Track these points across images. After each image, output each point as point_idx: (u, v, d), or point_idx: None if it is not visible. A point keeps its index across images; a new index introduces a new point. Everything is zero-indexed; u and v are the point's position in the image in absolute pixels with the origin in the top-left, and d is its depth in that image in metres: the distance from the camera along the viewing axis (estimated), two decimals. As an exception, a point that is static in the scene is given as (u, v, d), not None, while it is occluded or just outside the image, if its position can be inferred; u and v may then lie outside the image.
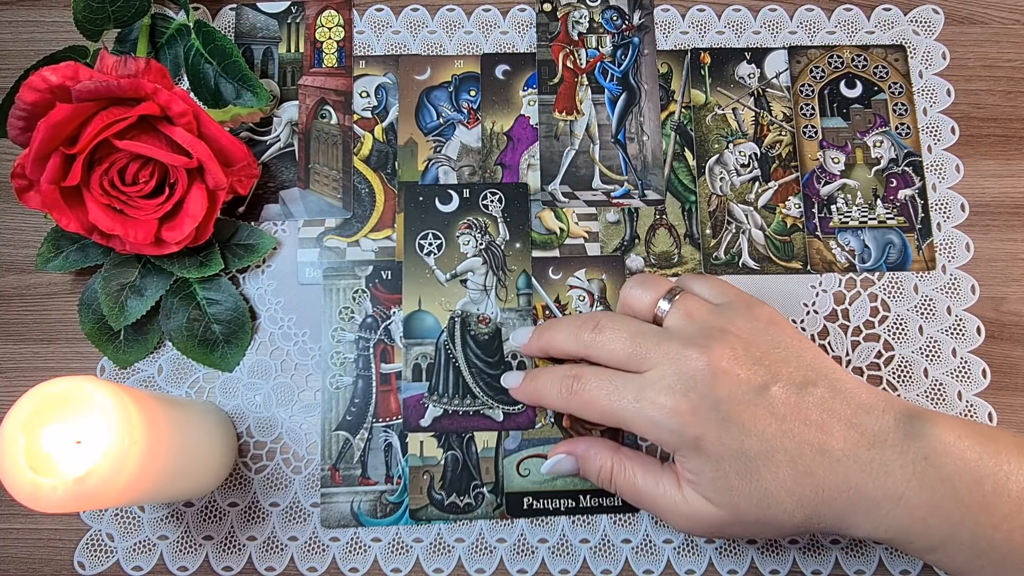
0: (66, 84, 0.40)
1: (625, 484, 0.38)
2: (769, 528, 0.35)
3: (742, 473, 0.34)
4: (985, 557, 0.32)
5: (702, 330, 0.36)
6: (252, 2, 0.51)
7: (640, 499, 0.38)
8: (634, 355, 0.36)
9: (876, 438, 0.33)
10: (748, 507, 0.34)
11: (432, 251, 0.47)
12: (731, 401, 0.34)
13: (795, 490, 0.33)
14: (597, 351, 0.38)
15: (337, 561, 0.44)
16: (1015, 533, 0.32)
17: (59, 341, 0.47)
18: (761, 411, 0.34)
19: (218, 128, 0.43)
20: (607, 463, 0.39)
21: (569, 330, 0.39)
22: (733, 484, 0.34)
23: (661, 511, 0.37)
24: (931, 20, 0.51)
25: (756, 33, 0.51)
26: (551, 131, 0.49)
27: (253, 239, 0.47)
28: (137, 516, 0.44)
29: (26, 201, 0.42)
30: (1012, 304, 0.47)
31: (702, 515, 0.35)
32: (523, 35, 0.51)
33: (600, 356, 0.38)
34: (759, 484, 0.34)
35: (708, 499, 0.35)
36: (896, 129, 0.49)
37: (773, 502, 0.34)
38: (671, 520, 0.37)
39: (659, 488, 0.37)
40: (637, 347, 0.36)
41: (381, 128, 0.49)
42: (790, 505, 0.34)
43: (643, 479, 0.38)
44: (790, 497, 0.33)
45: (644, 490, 0.37)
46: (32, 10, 0.52)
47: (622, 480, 0.38)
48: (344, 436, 0.45)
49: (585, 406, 0.37)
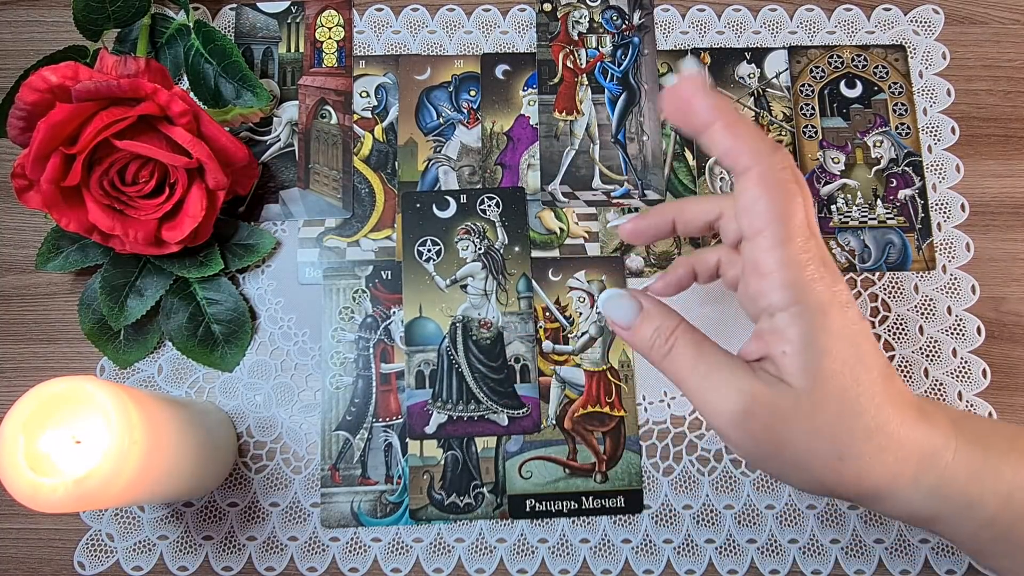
0: (66, 84, 0.40)
1: (682, 355, 0.32)
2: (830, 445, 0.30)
3: (850, 364, 0.29)
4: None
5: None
6: (252, 2, 0.51)
7: (694, 380, 0.32)
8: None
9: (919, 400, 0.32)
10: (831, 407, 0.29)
11: (431, 257, 0.47)
12: (847, 292, 0.30)
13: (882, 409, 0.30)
14: None
15: (337, 561, 0.44)
16: None
17: (59, 341, 0.47)
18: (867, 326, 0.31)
19: (218, 128, 0.43)
20: (670, 323, 0.33)
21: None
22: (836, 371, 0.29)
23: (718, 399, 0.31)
24: (931, 20, 0.51)
25: (756, 33, 0.51)
26: (551, 131, 0.49)
27: (253, 239, 0.47)
28: (137, 516, 0.44)
29: (26, 201, 0.42)
30: (1012, 304, 0.47)
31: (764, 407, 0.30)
32: (523, 35, 0.51)
33: None
34: (856, 385, 0.29)
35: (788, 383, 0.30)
36: (896, 129, 0.49)
37: (859, 413, 0.30)
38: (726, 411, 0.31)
39: (724, 369, 0.31)
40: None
41: (381, 128, 0.49)
42: (872, 424, 0.30)
43: (707, 353, 0.32)
44: (877, 414, 0.30)
45: (703, 369, 0.31)
46: (32, 10, 0.52)
47: (680, 350, 0.32)
48: (344, 436, 0.45)
49: (786, 188, 0.30)
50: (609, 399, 0.45)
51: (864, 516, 0.44)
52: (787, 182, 0.30)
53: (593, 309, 0.47)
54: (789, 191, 0.30)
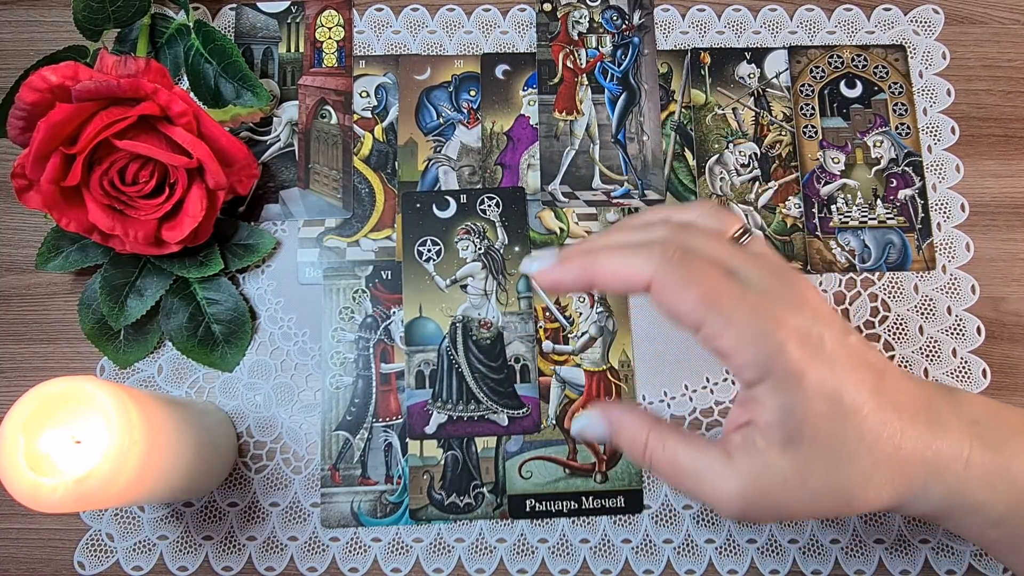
0: (66, 84, 0.40)
1: (664, 460, 0.32)
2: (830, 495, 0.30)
3: (830, 418, 0.29)
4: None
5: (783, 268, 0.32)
6: (252, 2, 0.51)
7: (681, 477, 0.32)
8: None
9: (930, 401, 0.31)
10: (821, 465, 0.29)
11: (431, 257, 0.47)
12: (831, 337, 0.29)
13: (875, 446, 0.29)
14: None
15: (337, 561, 0.44)
16: None
17: (59, 341, 0.47)
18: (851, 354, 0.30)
19: (218, 128, 0.43)
20: (642, 434, 0.32)
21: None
22: (818, 431, 0.29)
23: (706, 490, 0.31)
24: (931, 20, 0.51)
25: (756, 33, 0.51)
26: (551, 131, 0.49)
27: (253, 239, 0.47)
28: (137, 516, 0.44)
29: (26, 201, 0.42)
30: (1012, 304, 0.47)
31: (759, 486, 0.30)
32: (523, 35, 0.51)
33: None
34: (841, 434, 0.29)
35: (774, 456, 0.30)
36: (896, 129, 0.49)
37: (850, 460, 0.29)
38: (720, 500, 0.31)
39: (705, 462, 0.31)
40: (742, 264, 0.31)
41: (381, 128, 0.49)
42: (867, 464, 0.29)
43: (686, 453, 0.31)
44: (870, 455, 0.29)
45: (687, 466, 0.31)
46: (32, 10, 0.52)
47: (659, 455, 0.32)
48: (344, 436, 0.45)
49: (692, 279, 0.29)
50: (609, 399, 0.45)
51: (864, 516, 0.44)
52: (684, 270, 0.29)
53: (593, 309, 0.47)
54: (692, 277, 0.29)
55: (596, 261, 0.31)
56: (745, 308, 0.29)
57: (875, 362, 0.30)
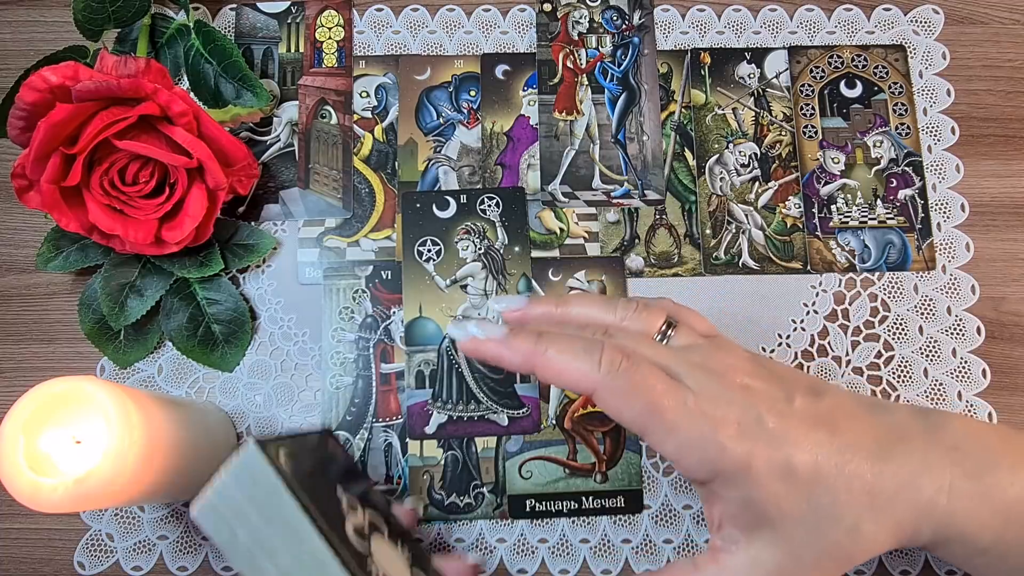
0: (66, 84, 0.40)
1: None
2: (830, 559, 0.30)
3: (793, 492, 0.30)
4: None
5: (711, 356, 0.33)
6: (252, 2, 0.51)
7: None
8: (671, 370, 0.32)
9: (902, 433, 0.32)
10: (806, 538, 0.30)
11: (431, 257, 0.47)
12: (770, 414, 0.31)
13: (850, 502, 0.30)
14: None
15: (337, 561, 0.44)
16: None
17: (59, 341, 0.47)
18: (796, 421, 0.31)
19: (218, 128, 0.43)
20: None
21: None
22: (784, 509, 0.30)
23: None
24: (931, 20, 0.51)
25: (756, 33, 0.51)
26: (551, 131, 0.49)
27: (253, 239, 0.47)
28: (137, 516, 0.44)
29: (26, 201, 0.42)
30: (1012, 304, 0.47)
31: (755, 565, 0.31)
32: (523, 35, 0.51)
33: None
34: (812, 502, 0.30)
35: (757, 547, 0.30)
36: (896, 129, 0.49)
37: (832, 522, 0.30)
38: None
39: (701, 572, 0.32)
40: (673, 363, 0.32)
41: (381, 128, 0.49)
42: (850, 520, 0.30)
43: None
44: (849, 510, 0.30)
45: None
46: (32, 10, 0.52)
47: None
48: (344, 436, 0.45)
49: (636, 390, 0.30)
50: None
51: (864, 516, 0.44)
52: (629, 380, 0.30)
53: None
54: (636, 387, 0.30)
55: (543, 355, 0.32)
56: (684, 415, 0.30)
57: (826, 415, 0.31)
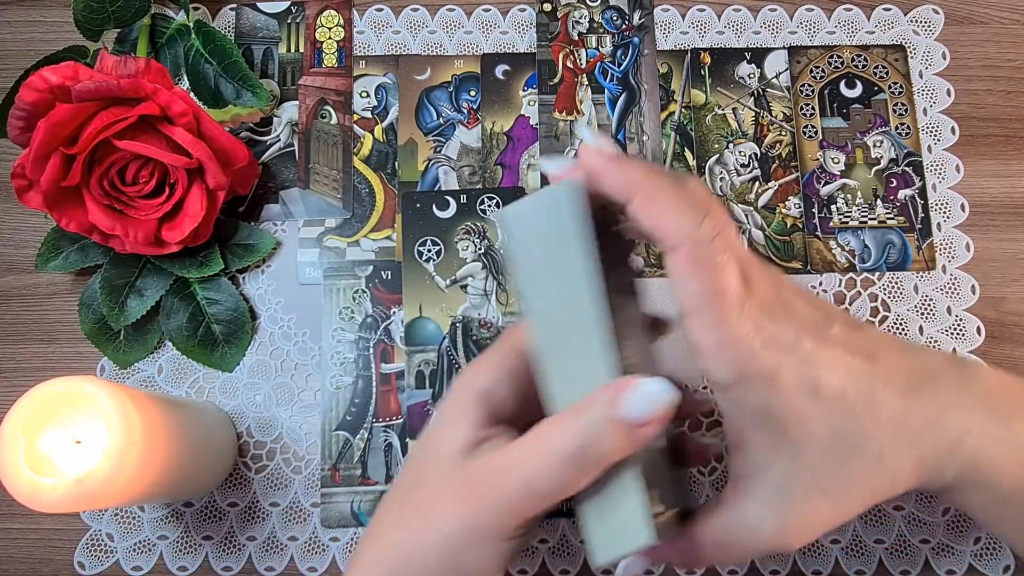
0: (66, 84, 0.40)
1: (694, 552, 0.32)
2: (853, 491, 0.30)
3: (816, 414, 0.29)
4: None
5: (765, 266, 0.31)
6: (252, 2, 0.51)
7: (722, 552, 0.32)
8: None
9: (935, 373, 0.31)
10: (827, 464, 0.29)
11: (431, 257, 0.47)
12: (807, 333, 0.29)
13: (875, 431, 0.29)
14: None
15: (337, 561, 0.44)
16: None
17: (59, 341, 0.47)
18: (831, 345, 0.29)
19: (218, 128, 0.43)
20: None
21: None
22: (807, 429, 0.29)
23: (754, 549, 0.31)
24: (931, 20, 0.51)
25: (756, 33, 0.51)
26: (551, 131, 0.49)
27: (253, 239, 0.47)
28: (137, 516, 0.44)
29: (26, 201, 0.42)
30: (1012, 304, 0.47)
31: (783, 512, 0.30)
32: (523, 35, 0.51)
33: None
34: (836, 426, 0.29)
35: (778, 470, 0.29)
36: (896, 129, 0.49)
37: (854, 449, 0.29)
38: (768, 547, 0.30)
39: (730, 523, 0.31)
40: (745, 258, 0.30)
41: (381, 128, 0.49)
42: (873, 450, 0.29)
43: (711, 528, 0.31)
44: (872, 440, 0.29)
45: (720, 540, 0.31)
46: (32, 10, 0.52)
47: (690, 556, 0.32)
48: (344, 436, 0.45)
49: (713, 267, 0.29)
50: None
51: (864, 516, 0.44)
52: (715, 255, 0.29)
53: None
54: (717, 265, 0.29)
55: (648, 189, 0.29)
56: (737, 311, 0.29)
57: (865, 346, 0.30)
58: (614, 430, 0.28)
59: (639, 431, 0.28)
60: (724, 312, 0.29)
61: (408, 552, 0.30)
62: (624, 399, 0.28)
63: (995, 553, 0.43)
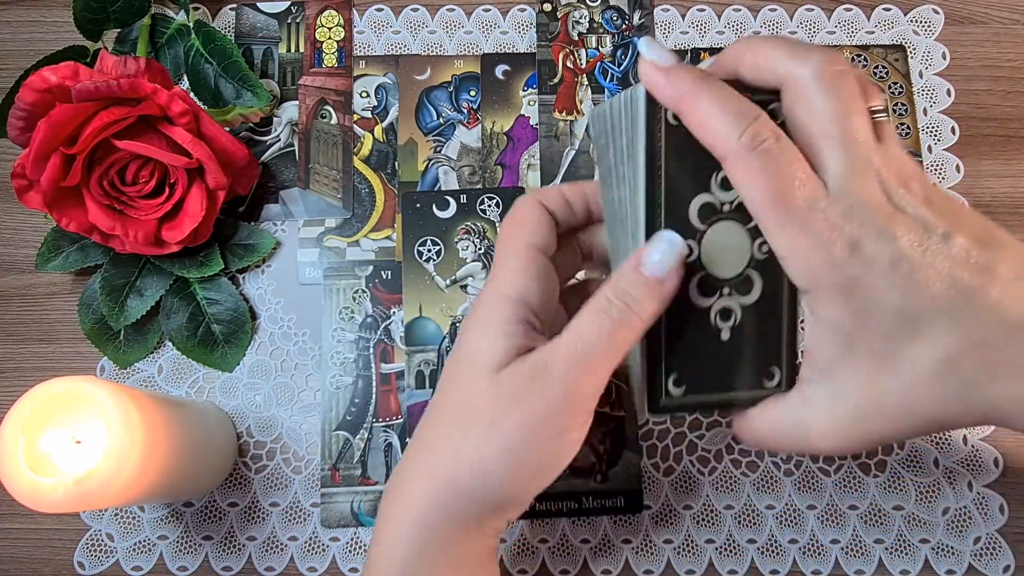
0: (66, 84, 0.40)
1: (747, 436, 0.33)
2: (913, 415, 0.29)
3: (890, 334, 0.28)
4: None
5: (876, 155, 0.29)
6: (252, 2, 0.51)
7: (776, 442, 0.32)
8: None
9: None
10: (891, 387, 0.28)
11: (431, 257, 0.47)
12: (912, 249, 0.28)
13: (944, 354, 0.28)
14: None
15: (337, 561, 0.44)
16: None
17: (59, 341, 0.47)
18: (936, 269, 0.28)
19: (218, 128, 0.43)
20: None
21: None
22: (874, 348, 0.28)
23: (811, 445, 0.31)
24: (931, 20, 0.51)
25: (756, 33, 0.51)
26: (551, 131, 0.49)
27: (253, 239, 0.47)
28: (137, 516, 0.44)
29: (26, 201, 0.42)
30: (1012, 304, 0.47)
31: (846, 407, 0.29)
32: (523, 35, 0.51)
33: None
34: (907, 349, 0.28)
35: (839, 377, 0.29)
36: (896, 129, 0.49)
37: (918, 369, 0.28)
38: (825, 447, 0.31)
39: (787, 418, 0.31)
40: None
41: (381, 128, 0.49)
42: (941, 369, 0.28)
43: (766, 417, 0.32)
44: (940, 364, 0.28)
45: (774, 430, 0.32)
46: (32, 10, 0.52)
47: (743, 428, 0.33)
48: (344, 436, 0.45)
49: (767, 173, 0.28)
50: (609, 399, 0.45)
51: (864, 516, 0.44)
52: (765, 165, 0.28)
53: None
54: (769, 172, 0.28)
55: (696, 98, 0.29)
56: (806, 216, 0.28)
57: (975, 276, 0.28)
58: (641, 289, 0.29)
59: (664, 287, 0.30)
60: (789, 216, 0.28)
61: (466, 461, 0.30)
62: (644, 259, 0.30)
63: (995, 553, 0.43)
